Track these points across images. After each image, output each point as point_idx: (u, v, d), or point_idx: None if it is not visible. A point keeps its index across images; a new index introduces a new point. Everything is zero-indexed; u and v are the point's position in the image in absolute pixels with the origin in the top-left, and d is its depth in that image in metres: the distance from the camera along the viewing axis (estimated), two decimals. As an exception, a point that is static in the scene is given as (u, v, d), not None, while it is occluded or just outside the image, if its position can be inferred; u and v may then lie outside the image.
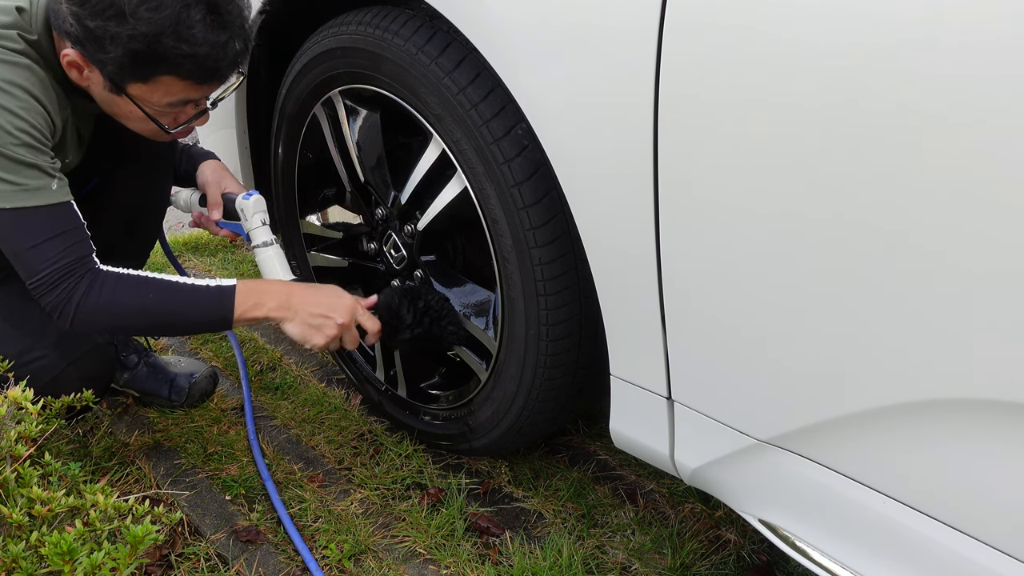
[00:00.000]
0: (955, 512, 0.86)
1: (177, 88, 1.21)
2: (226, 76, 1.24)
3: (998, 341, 0.75)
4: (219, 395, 1.78)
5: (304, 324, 1.33)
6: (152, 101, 1.23)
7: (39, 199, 1.18)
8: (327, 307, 1.35)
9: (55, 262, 1.19)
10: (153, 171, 1.57)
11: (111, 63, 1.15)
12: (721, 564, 1.33)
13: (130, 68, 1.16)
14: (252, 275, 2.35)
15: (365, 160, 1.51)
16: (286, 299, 1.32)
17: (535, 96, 1.07)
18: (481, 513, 1.45)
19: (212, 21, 1.14)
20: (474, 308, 1.43)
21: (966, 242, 0.74)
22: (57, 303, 1.20)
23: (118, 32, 1.11)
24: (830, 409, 0.91)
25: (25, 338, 1.36)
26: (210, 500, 1.48)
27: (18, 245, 1.19)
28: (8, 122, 1.14)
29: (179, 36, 1.12)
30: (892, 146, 0.75)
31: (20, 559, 0.86)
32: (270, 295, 1.32)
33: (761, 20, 0.81)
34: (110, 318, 1.25)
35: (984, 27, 0.68)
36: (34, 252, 1.18)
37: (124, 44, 1.12)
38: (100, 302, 1.21)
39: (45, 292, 1.20)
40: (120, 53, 1.14)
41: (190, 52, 1.14)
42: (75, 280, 1.20)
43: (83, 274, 1.21)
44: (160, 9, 1.10)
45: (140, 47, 1.13)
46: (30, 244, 1.18)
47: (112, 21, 1.11)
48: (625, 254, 1.04)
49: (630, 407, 1.17)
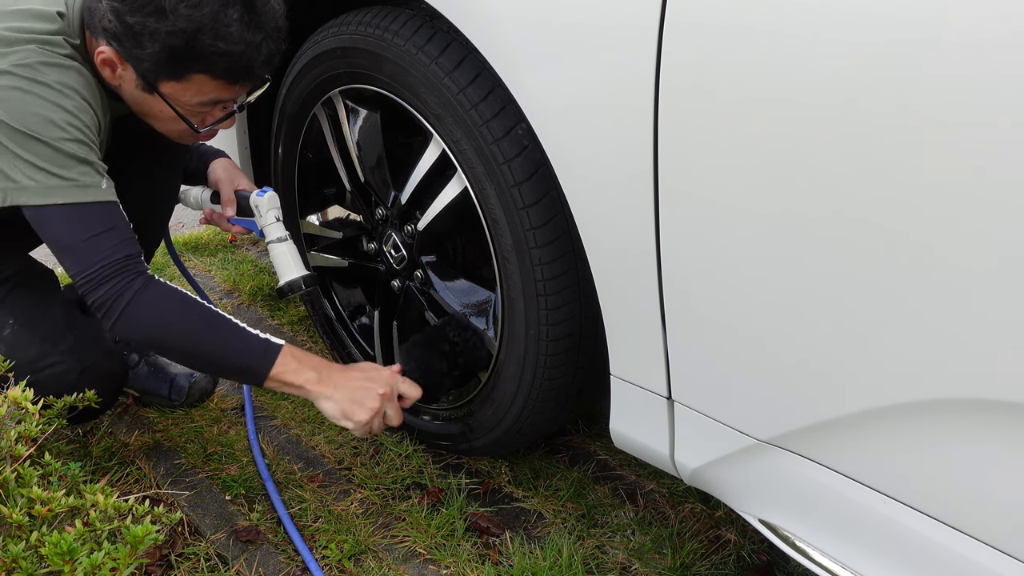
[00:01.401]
0: (955, 512, 0.86)
1: (209, 87, 1.22)
2: (258, 76, 1.25)
3: (998, 341, 0.75)
4: (219, 395, 1.78)
5: (345, 400, 1.28)
6: (183, 100, 1.24)
7: (92, 195, 1.18)
8: (366, 379, 1.31)
9: (109, 256, 1.18)
10: (162, 168, 1.58)
11: (147, 59, 1.17)
12: (721, 564, 1.33)
13: (166, 65, 1.18)
14: (251, 274, 2.35)
15: (365, 160, 1.51)
16: (325, 374, 1.28)
17: (535, 96, 1.07)
18: (481, 513, 1.45)
19: (249, 20, 1.16)
20: (474, 308, 1.43)
21: (966, 242, 0.74)
22: (107, 299, 1.19)
23: (157, 28, 1.13)
24: (830, 409, 0.91)
25: (41, 344, 1.36)
26: (210, 500, 1.48)
27: (71, 239, 1.18)
28: (63, 119, 1.16)
29: (216, 34, 1.14)
30: (892, 146, 0.75)
31: (20, 559, 0.86)
32: (311, 366, 1.28)
33: (761, 20, 0.81)
34: (153, 328, 1.22)
35: (984, 26, 0.68)
36: (87, 245, 1.18)
37: (162, 40, 1.14)
38: (150, 308, 1.20)
39: (96, 287, 1.18)
40: (157, 49, 1.15)
41: (226, 50, 1.16)
42: (129, 278, 1.19)
43: (137, 274, 1.20)
44: (200, 7, 1.12)
45: (178, 43, 1.14)
46: (83, 238, 1.17)
47: (152, 17, 1.12)
48: (625, 254, 1.04)
49: (630, 407, 1.17)
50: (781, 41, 0.80)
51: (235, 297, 2.26)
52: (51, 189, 1.17)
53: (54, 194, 1.17)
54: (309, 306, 1.85)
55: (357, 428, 1.30)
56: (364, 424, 1.29)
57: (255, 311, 2.19)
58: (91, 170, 1.19)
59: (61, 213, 1.17)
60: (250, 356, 1.25)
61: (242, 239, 2.65)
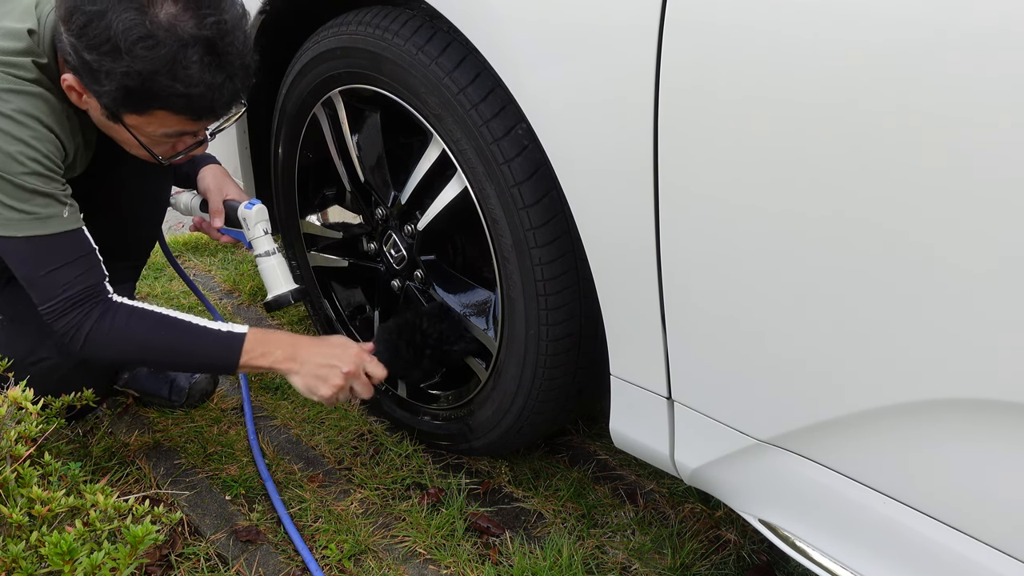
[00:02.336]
0: (955, 512, 0.86)
1: (172, 121, 1.21)
2: (222, 114, 1.23)
3: (998, 341, 0.75)
4: (219, 395, 1.78)
5: (309, 375, 1.33)
6: (148, 131, 1.22)
7: (51, 227, 1.19)
8: (332, 356, 1.35)
9: (68, 289, 1.21)
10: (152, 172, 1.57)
11: (106, 95, 1.15)
12: (721, 564, 1.33)
13: (124, 102, 1.15)
14: (251, 274, 2.35)
15: (365, 160, 1.51)
16: (292, 351, 1.33)
17: (535, 96, 1.07)
18: (481, 513, 1.45)
19: (209, 62, 1.12)
20: (474, 308, 1.43)
21: (966, 242, 0.74)
22: (68, 329, 1.22)
23: (112, 68, 1.10)
24: (830, 409, 0.91)
25: (30, 339, 1.36)
26: (210, 500, 1.48)
27: (32, 272, 1.20)
28: (20, 152, 1.15)
29: (174, 76, 1.11)
30: (892, 145, 0.75)
31: (20, 559, 0.86)
32: (277, 346, 1.32)
33: (761, 19, 0.81)
34: (118, 350, 1.27)
35: (985, 26, 0.68)
36: (47, 279, 1.20)
37: (118, 80, 1.11)
38: (111, 334, 1.23)
39: (57, 318, 1.22)
40: (114, 88, 1.13)
41: (184, 92, 1.13)
42: (88, 308, 1.22)
43: (96, 303, 1.23)
44: (156, 48, 1.09)
45: (134, 84, 1.11)
46: (43, 271, 1.20)
47: (107, 57, 1.10)
48: (625, 254, 1.04)
49: (630, 407, 1.17)
50: (781, 41, 0.80)
51: (235, 297, 2.26)
52: (10, 222, 1.17)
53: (13, 227, 1.17)
54: (309, 306, 1.85)
55: (322, 399, 1.35)
56: (329, 398, 1.35)
57: (255, 311, 2.18)
58: (51, 201, 1.19)
59: (22, 245, 1.19)
60: (216, 352, 1.29)
61: (242, 239, 2.65)
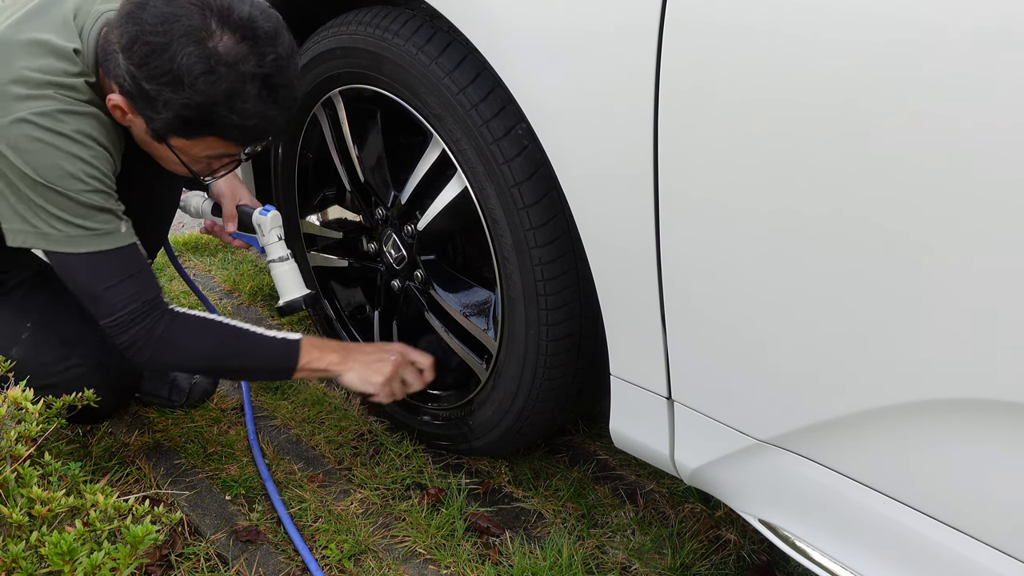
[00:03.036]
0: (955, 512, 0.86)
1: (219, 145, 1.23)
2: (269, 141, 1.26)
3: (998, 341, 0.75)
4: (219, 395, 1.78)
5: (363, 369, 1.40)
6: (191, 153, 1.24)
7: (111, 243, 1.22)
8: (378, 350, 1.44)
9: (130, 303, 1.24)
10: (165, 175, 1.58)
11: (159, 121, 1.16)
12: (721, 564, 1.33)
13: (177, 128, 1.17)
14: (251, 274, 2.35)
15: (365, 160, 1.51)
16: (344, 353, 1.41)
17: (535, 96, 1.07)
18: (481, 513, 1.45)
19: (266, 96, 1.14)
20: (474, 308, 1.43)
21: (966, 242, 0.74)
22: (132, 342, 1.26)
23: (172, 98, 1.12)
24: (830, 409, 0.91)
25: (59, 346, 1.37)
26: (210, 500, 1.48)
27: (95, 287, 1.23)
28: (82, 171, 1.17)
29: (232, 108, 1.13)
30: (892, 145, 0.75)
31: (20, 559, 0.86)
32: (331, 350, 1.40)
33: (760, 20, 0.81)
34: (181, 358, 1.32)
35: (985, 26, 0.68)
36: (110, 293, 1.23)
37: (176, 109, 1.13)
38: (172, 346, 1.28)
39: (121, 332, 1.25)
40: (171, 116, 1.14)
41: (239, 123, 1.15)
42: (151, 321, 1.26)
43: (159, 315, 1.27)
44: (218, 82, 1.10)
45: (192, 115, 1.13)
46: (106, 286, 1.23)
47: (168, 88, 1.11)
48: (625, 254, 1.04)
49: (630, 407, 1.17)
50: (781, 41, 0.80)
51: (235, 297, 2.26)
52: (72, 239, 1.20)
53: (75, 243, 1.20)
54: (309, 306, 1.85)
55: (379, 391, 1.41)
56: (383, 385, 1.41)
57: (255, 311, 2.19)
58: (110, 217, 1.22)
59: (83, 261, 1.22)
60: (275, 359, 1.36)
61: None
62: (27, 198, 1.17)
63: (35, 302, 1.41)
